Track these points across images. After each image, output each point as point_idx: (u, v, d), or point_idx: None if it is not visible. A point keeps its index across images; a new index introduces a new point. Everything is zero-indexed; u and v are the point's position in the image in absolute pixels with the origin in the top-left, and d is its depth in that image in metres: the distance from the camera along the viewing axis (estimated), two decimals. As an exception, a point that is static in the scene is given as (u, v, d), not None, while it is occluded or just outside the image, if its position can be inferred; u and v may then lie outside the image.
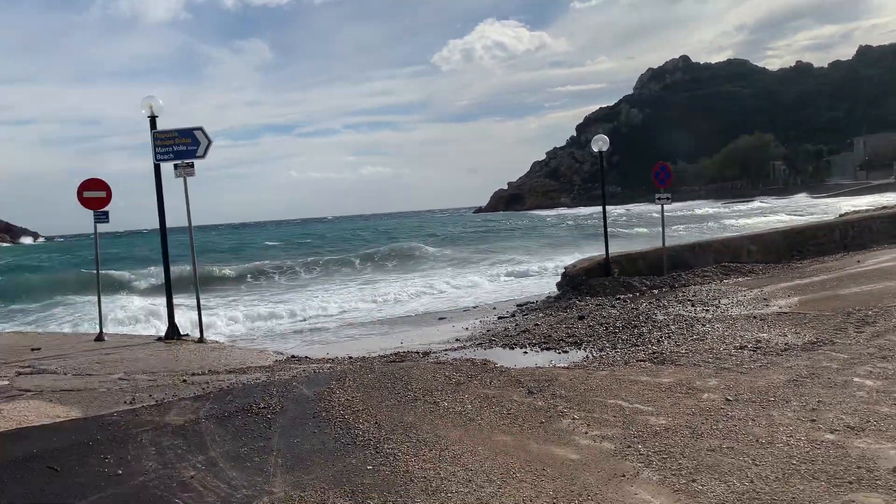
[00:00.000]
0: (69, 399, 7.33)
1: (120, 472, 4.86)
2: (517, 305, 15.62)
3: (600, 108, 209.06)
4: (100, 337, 12.31)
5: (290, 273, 33.11)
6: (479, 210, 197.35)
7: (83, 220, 12.77)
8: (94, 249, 13.30)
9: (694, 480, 4.35)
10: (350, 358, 9.67)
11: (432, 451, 5.08)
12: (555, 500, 4.20)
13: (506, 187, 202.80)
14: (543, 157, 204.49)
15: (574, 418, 5.82)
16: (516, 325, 12.32)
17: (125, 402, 6.99)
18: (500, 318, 14.00)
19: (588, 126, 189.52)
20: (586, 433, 5.43)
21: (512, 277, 25.49)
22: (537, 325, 11.65)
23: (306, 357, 10.01)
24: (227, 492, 4.41)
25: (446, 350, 10.12)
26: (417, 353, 9.85)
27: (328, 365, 8.90)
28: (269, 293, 26.19)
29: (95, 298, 13.67)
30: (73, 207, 12.39)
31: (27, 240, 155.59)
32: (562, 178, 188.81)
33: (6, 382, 8.40)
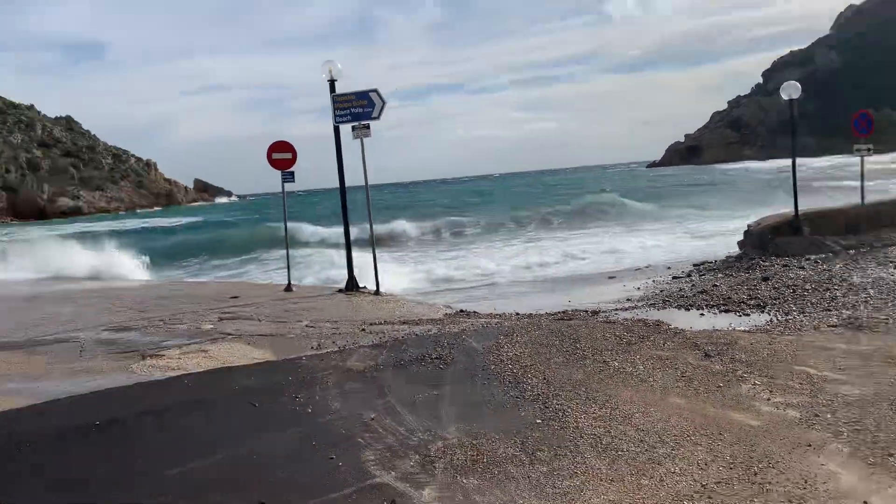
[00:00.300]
0: (263, 343, 8.04)
1: (309, 410, 5.29)
2: (693, 265, 14.96)
3: (791, 51, 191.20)
4: (288, 287, 13.33)
5: (463, 230, 33.81)
6: (652, 164, 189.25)
7: (271, 180, 13.79)
8: (282, 207, 14.31)
9: (891, 455, 4.01)
10: (517, 314, 9.77)
11: (602, 410, 5.06)
12: (732, 466, 4.05)
13: (682, 140, 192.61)
14: (724, 106, 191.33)
15: (755, 384, 5.53)
16: (692, 285, 11.83)
17: (311, 348, 7.56)
18: (674, 277, 13.49)
19: (776, 72, 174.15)
20: (768, 399, 5.15)
21: (688, 235, 24.39)
22: (716, 285, 11.11)
23: (475, 312, 10.25)
24: (405, 434, 4.66)
25: (616, 309, 9.94)
26: (586, 311, 9.76)
27: (496, 320, 9.06)
28: (438, 249, 26.96)
29: (284, 253, 14.76)
30: (261, 168, 13.39)
31: (222, 199, 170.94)
32: (745, 129, 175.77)
33: (211, 326, 9.37)
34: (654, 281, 13.31)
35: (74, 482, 4.13)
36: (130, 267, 21.29)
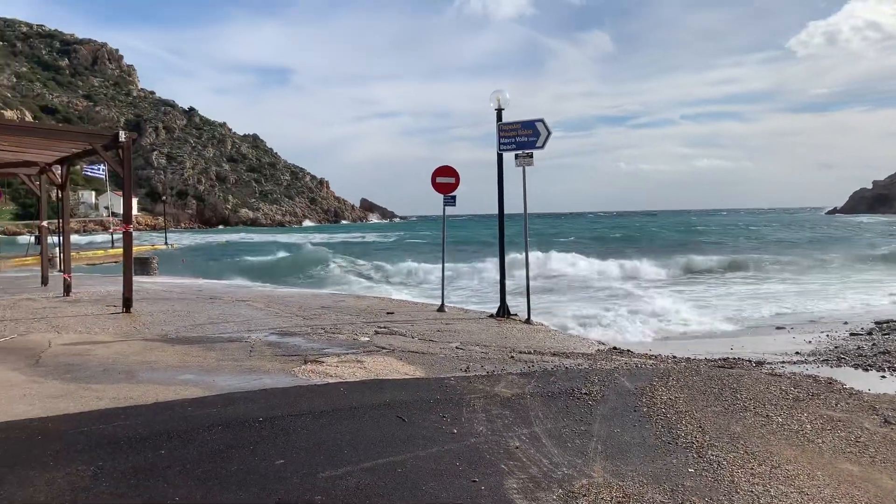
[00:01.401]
0: (415, 359, 8.26)
1: (455, 431, 5.36)
2: (875, 322, 13.66)
3: None
4: (441, 308, 13.62)
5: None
6: (833, 211, 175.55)
7: (431, 202, 14.29)
8: (442, 230, 14.69)
9: None
10: (674, 357, 9.37)
11: (762, 467, 4.72)
12: (913, 549, 3.64)
13: (869, 186, 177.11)
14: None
15: (945, 460, 4.94)
16: (873, 344, 10.80)
17: (461, 370, 7.66)
18: (852, 334, 12.39)
19: None
20: (961, 480, 4.58)
21: (867, 288, 22.32)
22: (898, 347, 10.08)
23: (628, 350, 9.94)
24: (549, 467, 4.60)
25: (783, 362, 9.27)
26: (749, 361, 9.18)
27: (651, 361, 8.74)
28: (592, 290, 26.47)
29: (440, 274, 15.10)
30: (422, 191, 13.94)
31: (375, 219, 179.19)
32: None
33: (367, 339, 9.77)
34: (827, 335, 12.29)
35: (235, 472, 4.44)
36: None
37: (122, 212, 13.99)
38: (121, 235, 14.78)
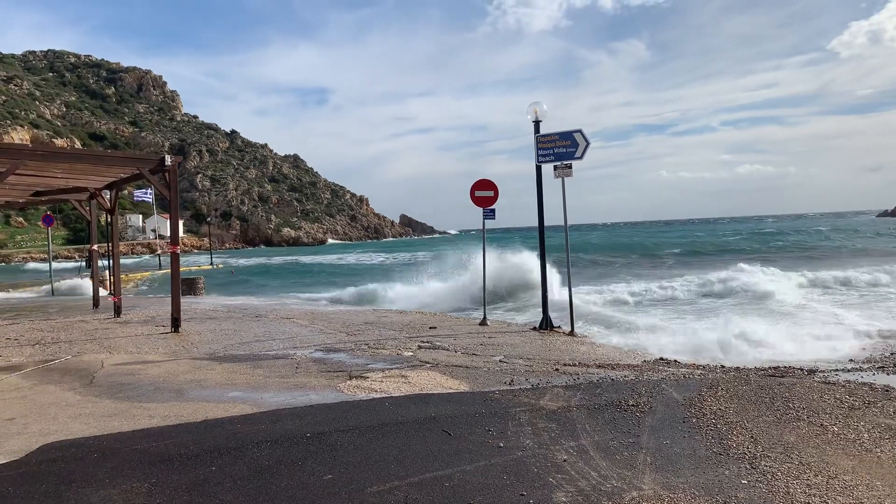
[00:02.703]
0: (459, 373, 8.26)
1: (501, 444, 5.33)
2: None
3: None
4: (483, 322, 13.60)
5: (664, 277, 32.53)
6: (884, 214, 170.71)
7: (470, 216, 14.28)
8: (482, 243, 14.69)
9: None
10: (722, 367, 9.20)
11: (818, 478, 4.59)
12: (982, 562, 3.49)
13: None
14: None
15: None
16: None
17: (505, 383, 7.63)
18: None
19: None
20: None
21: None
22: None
23: (675, 360, 9.79)
24: (597, 480, 4.55)
25: (837, 370, 9.02)
26: (801, 369, 8.96)
27: (699, 371, 8.59)
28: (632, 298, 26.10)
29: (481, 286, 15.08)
30: (461, 204, 13.97)
31: (420, 235, 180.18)
32: None
33: (411, 353, 9.80)
34: (884, 341, 11.92)
35: (285, 488, 4.49)
36: None
37: (168, 234, 14.32)
38: (168, 257, 15.12)
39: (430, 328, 12.88)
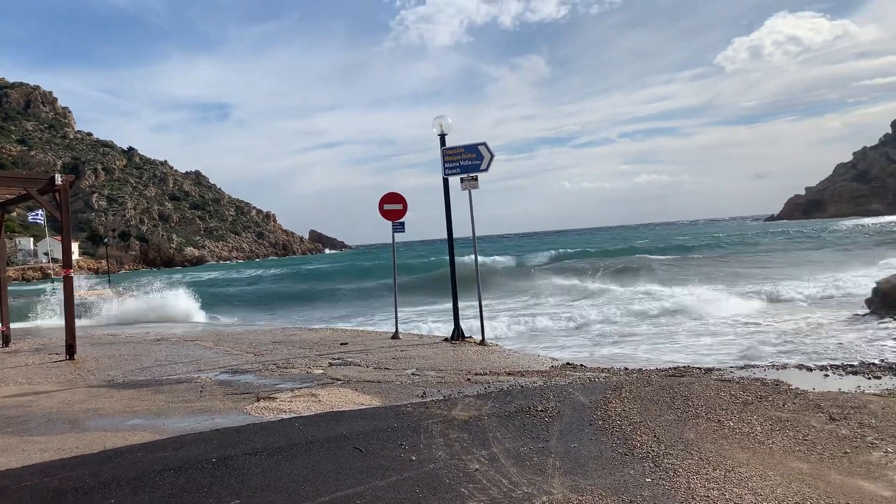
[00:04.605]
0: (370, 389, 8.19)
1: (413, 458, 5.32)
2: (819, 324, 14.11)
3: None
4: (395, 335, 13.56)
5: (571, 280, 33.42)
6: (770, 218, 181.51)
7: (382, 230, 14.16)
8: (392, 257, 14.66)
9: None
10: (626, 369, 9.51)
11: (716, 471, 4.80)
12: (863, 541, 3.74)
13: (802, 193, 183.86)
14: (849, 158, 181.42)
15: (887, 451, 5.11)
16: (815, 344, 11.14)
17: (417, 395, 7.62)
18: (789, 336, 12.76)
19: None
20: (904, 470, 4.74)
21: (819, 289, 22.88)
22: (840, 344, 10.43)
23: (581, 365, 10.04)
24: (508, 487, 4.59)
25: (731, 367, 9.48)
26: (699, 368, 9.37)
27: (604, 374, 8.84)
28: (546, 302, 26.70)
29: (392, 300, 15.05)
30: (370, 218, 13.90)
31: (329, 250, 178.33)
32: (874, 182, 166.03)
33: (321, 371, 9.64)
34: (773, 339, 12.63)
35: (191, 516, 4.32)
36: None
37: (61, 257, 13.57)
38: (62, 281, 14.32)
39: (342, 344, 12.73)
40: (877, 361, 8.76)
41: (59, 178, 12.26)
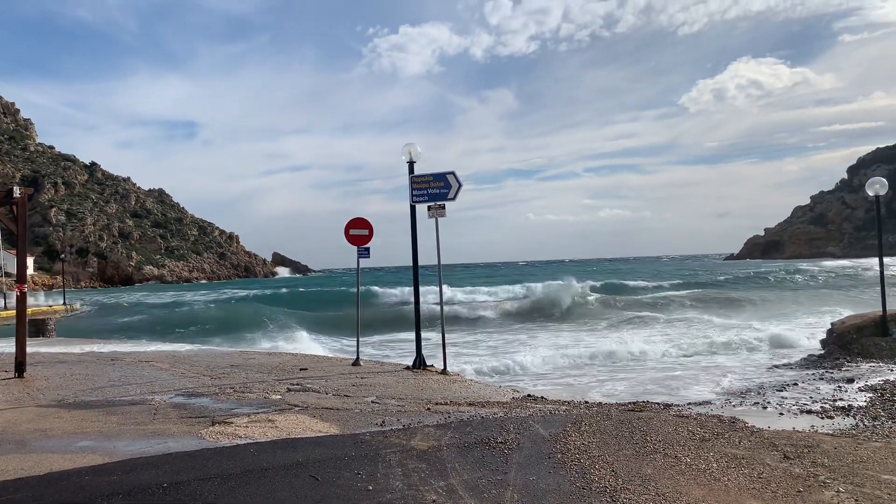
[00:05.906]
0: (329, 416, 8.08)
1: (370, 487, 5.24)
2: (774, 365, 14.37)
3: (878, 148, 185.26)
4: (356, 362, 13.44)
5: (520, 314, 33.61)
6: (730, 257, 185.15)
7: (348, 255, 14.07)
8: (356, 283, 14.58)
9: None
10: (586, 402, 9.55)
11: (673, 507, 4.82)
12: (814, 580, 3.77)
13: (762, 234, 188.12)
14: (807, 201, 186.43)
15: (839, 490, 5.19)
16: (771, 383, 11.33)
17: (376, 424, 7.54)
18: (749, 376, 12.97)
19: (862, 168, 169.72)
20: (854, 510, 4.81)
21: (765, 330, 23.43)
22: (796, 384, 10.62)
23: (542, 397, 10.06)
24: (465, 519, 4.55)
25: (689, 404, 9.58)
26: (658, 404, 9.45)
27: (564, 407, 8.86)
28: (504, 331, 26.78)
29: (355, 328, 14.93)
30: (334, 244, 13.83)
31: (284, 272, 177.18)
32: (830, 225, 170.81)
33: (279, 397, 9.50)
34: (728, 378, 12.82)
35: (139, 543, 4.19)
36: None
37: (15, 271, 13.22)
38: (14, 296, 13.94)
39: (301, 370, 12.56)
40: (830, 402, 8.93)
41: (17, 191, 11.99)
